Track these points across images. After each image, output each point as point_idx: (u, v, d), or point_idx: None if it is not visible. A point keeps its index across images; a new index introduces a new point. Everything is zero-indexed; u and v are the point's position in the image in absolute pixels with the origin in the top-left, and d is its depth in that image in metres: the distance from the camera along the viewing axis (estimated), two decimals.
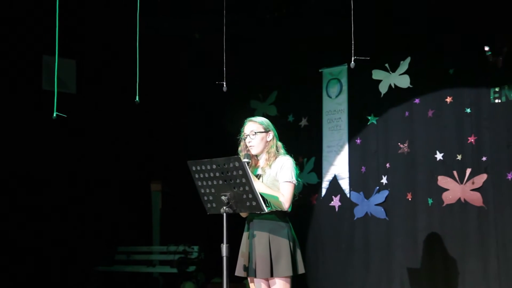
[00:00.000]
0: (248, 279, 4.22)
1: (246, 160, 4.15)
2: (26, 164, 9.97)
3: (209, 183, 3.80)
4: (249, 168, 4.20)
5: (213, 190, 3.81)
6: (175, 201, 11.85)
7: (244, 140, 4.30)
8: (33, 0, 9.15)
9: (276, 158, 4.21)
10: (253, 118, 4.36)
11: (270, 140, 4.26)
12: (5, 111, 9.72)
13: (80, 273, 10.59)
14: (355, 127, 9.08)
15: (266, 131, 4.26)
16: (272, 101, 10.24)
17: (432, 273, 7.97)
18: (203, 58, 10.88)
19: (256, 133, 4.22)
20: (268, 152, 4.23)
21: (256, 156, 4.28)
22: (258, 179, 4.13)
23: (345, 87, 9.22)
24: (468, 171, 7.75)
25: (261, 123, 4.28)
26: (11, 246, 9.65)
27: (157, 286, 11.11)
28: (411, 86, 8.43)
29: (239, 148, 4.38)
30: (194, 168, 3.84)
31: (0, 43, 9.62)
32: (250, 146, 4.24)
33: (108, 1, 9.56)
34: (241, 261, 4.16)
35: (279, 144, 4.33)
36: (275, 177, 4.11)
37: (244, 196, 3.71)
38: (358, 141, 9.02)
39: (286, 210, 4.09)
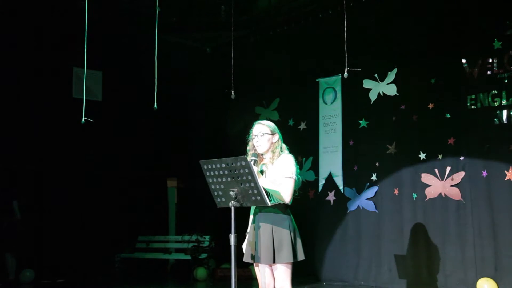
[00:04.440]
0: (254, 265, 4.21)
1: (253, 158, 4.15)
2: (57, 162, 10.00)
3: (219, 180, 3.79)
4: (256, 165, 4.20)
5: (222, 186, 3.80)
6: (189, 195, 11.86)
7: (252, 140, 4.29)
8: (65, 20, 9.20)
9: (279, 156, 4.20)
10: (261, 121, 4.34)
11: (275, 142, 4.25)
12: (41, 116, 9.77)
13: (106, 260, 10.61)
14: (348, 130, 9.05)
15: (272, 133, 4.25)
16: (274, 107, 10.24)
17: (416, 259, 7.94)
18: (214, 70, 10.91)
19: (263, 134, 4.21)
20: (273, 152, 4.22)
21: (262, 154, 4.27)
22: (262, 174, 4.13)
23: (339, 95, 9.20)
24: (448, 169, 7.72)
25: (268, 126, 4.27)
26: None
27: (173, 271, 11.11)
28: (397, 94, 8.41)
29: (248, 147, 4.36)
30: (205, 167, 3.82)
31: (37, 57, 9.67)
32: (257, 146, 4.23)
33: (130, 19, 9.60)
34: (248, 249, 4.15)
35: (284, 145, 4.31)
36: (277, 173, 4.10)
37: (250, 192, 3.69)
38: (351, 142, 9.00)
39: (287, 203, 4.08)
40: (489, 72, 7.44)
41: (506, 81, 7.26)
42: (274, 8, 9.60)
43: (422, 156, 8.02)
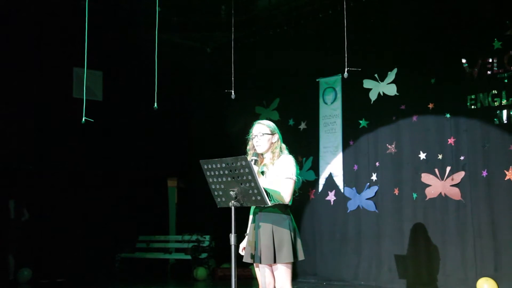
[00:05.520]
0: (254, 265, 4.21)
1: (254, 158, 4.15)
2: (57, 162, 10.00)
3: (219, 179, 3.79)
4: (257, 164, 4.20)
5: (222, 186, 3.80)
6: (189, 195, 11.86)
7: (252, 140, 4.28)
8: (66, 20, 9.20)
9: (279, 157, 4.20)
10: (261, 121, 4.33)
11: (275, 142, 4.24)
12: (41, 116, 9.76)
13: (106, 259, 10.61)
14: (348, 130, 9.06)
15: (272, 133, 4.24)
16: (274, 107, 10.24)
17: (416, 259, 7.94)
18: (214, 70, 10.90)
19: (263, 134, 4.21)
20: (272, 152, 4.21)
21: (262, 154, 4.27)
22: (263, 175, 4.13)
23: (339, 95, 9.21)
24: (448, 169, 7.72)
25: (268, 126, 4.26)
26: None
27: (173, 270, 11.11)
28: (397, 94, 8.41)
29: (248, 147, 4.36)
30: (205, 167, 3.82)
31: (37, 57, 9.68)
32: (257, 146, 4.23)
33: (131, 19, 9.61)
34: (248, 249, 4.14)
35: (283, 145, 4.30)
36: (277, 174, 4.09)
37: (250, 192, 3.69)
38: (351, 142, 9.00)
39: (287, 203, 4.08)
40: (489, 72, 7.44)
41: (506, 81, 7.27)
42: (274, 8, 9.61)
43: (422, 156, 8.02)
